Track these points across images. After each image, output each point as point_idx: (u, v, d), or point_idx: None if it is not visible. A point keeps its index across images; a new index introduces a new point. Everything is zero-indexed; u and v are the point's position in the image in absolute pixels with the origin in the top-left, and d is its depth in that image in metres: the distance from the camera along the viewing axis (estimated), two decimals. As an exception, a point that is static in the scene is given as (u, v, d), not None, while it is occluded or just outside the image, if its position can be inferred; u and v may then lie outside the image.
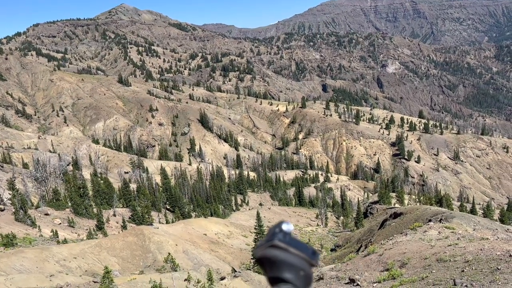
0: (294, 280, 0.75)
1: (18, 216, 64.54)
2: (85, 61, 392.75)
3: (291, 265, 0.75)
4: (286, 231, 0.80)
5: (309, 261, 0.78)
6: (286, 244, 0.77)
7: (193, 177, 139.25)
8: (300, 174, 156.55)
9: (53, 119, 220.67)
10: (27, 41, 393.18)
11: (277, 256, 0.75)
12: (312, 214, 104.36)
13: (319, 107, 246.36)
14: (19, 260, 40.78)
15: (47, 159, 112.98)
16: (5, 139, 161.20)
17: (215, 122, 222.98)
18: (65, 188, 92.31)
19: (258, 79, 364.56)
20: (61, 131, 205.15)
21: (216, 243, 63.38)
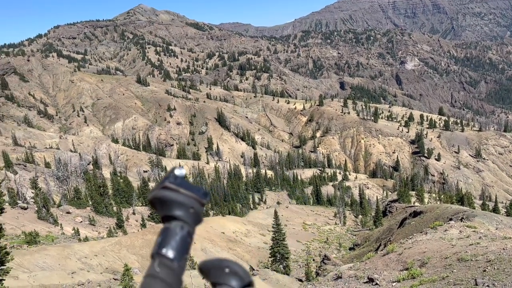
0: (184, 217, 0.79)
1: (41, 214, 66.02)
2: (104, 61, 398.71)
3: (181, 204, 0.79)
4: (177, 175, 0.80)
5: (199, 200, 0.82)
6: (176, 186, 0.80)
7: (210, 175, 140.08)
8: (317, 173, 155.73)
9: (74, 119, 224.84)
10: (48, 43, 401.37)
11: (167, 196, 0.79)
12: (330, 213, 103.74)
13: (337, 105, 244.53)
14: (42, 258, 41.71)
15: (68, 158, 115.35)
16: (28, 139, 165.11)
17: (232, 121, 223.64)
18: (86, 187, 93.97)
19: (275, 78, 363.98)
20: (81, 131, 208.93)
21: (234, 241, 63.64)
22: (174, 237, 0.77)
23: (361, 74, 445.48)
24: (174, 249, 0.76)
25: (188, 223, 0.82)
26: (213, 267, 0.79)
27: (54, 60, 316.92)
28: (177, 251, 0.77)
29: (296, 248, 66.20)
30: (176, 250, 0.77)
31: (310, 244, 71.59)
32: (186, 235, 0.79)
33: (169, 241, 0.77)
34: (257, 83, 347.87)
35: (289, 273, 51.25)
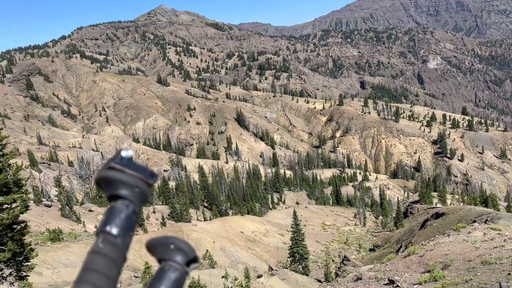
0: (130, 196, 0.81)
1: (64, 212, 67.48)
2: (125, 62, 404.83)
3: (126, 183, 0.81)
4: (124, 156, 0.83)
5: (145, 180, 0.83)
6: (121, 166, 0.82)
7: (230, 175, 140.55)
8: (337, 173, 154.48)
9: (96, 119, 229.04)
10: (71, 44, 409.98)
11: (112, 176, 0.80)
12: (350, 214, 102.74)
13: (357, 104, 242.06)
14: (65, 254, 42.60)
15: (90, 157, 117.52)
16: (52, 138, 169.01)
17: (252, 120, 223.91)
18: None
19: (295, 77, 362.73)
20: (103, 130, 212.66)
21: (253, 241, 63.67)
22: (118, 215, 0.79)
23: (382, 73, 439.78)
24: (118, 226, 0.78)
25: (133, 202, 0.84)
26: (158, 244, 0.82)
27: (77, 61, 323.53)
28: (121, 228, 0.79)
29: (315, 249, 65.81)
30: (120, 227, 0.79)
31: (329, 244, 71.06)
32: (131, 214, 0.81)
33: (114, 219, 0.79)
34: (277, 83, 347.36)
35: (308, 273, 50.97)
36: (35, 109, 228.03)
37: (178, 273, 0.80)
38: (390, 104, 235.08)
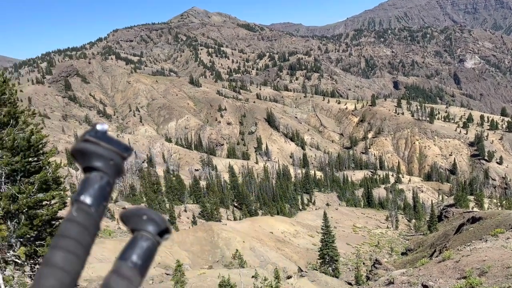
0: (104, 168, 0.83)
1: (99, 209, 69.43)
2: (159, 63, 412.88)
3: (100, 156, 0.83)
4: (99, 130, 0.86)
5: (119, 153, 0.85)
6: (97, 139, 0.84)
7: (259, 175, 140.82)
8: (369, 175, 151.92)
9: (130, 119, 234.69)
10: (107, 46, 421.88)
11: (87, 148, 0.83)
12: (382, 216, 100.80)
13: (390, 105, 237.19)
14: (100, 250, 43.85)
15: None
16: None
17: (282, 121, 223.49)
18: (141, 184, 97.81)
19: (326, 77, 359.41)
20: (137, 130, 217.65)
21: (282, 241, 63.52)
22: (92, 186, 0.81)
23: (416, 73, 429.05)
24: (92, 196, 0.80)
25: (108, 174, 0.85)
26: (131, 215, 0.84)
27: (112, 62, 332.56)
28: (95, 198, 0.81)
29: (345, 251, 64.97)
30: (93, 197, 0.81)
31: (360, 247, 69.97)
32: (105, 185, 0.83)
33: (88, 189, 0.81)
34: (307, 83, 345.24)
35: (338, 276, 50.38)
36: (73, 109, 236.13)
37: (150, 242, 0.82)
38: (424, 105, 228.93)
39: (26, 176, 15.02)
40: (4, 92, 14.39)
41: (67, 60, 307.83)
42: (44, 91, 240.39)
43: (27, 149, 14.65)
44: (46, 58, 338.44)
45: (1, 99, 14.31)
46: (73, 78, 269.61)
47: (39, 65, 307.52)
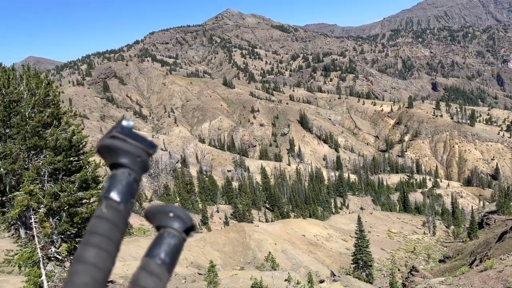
0: (131, 164, 0.83)
1: (134, 208, 71.16)
2: (193, 65, 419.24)
3: (128, 152, 0.83)
4: (125, 126, 0.86)
5: (146, 150, 0.85)
6: (124, 135, 0.84)
7: (292, 177, 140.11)
8: (405, 178, 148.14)
9: (165, 120, 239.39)
10: (144, 48, 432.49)
11: (115, 144, 0.83)
12: (418, 222, 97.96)
13: (428, 107, 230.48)
14: (135, 248, 44.81)
15: (159, 156, 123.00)
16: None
17: (315, 122, 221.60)
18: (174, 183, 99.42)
19: (361, 79, 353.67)
20: (171, 130, 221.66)
21: (315, 245, 62.83)
22: (121, 182, 0.82)
23: (456, 74, 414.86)
24: (120, 192, 0.81)
25: (134, 171, 0.86)
26: (158, 212, 0.85)
27: (148, 64, 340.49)
28: (123, 194, 0.82)
29: (380, 256, 63.52)
30: (122, 193, 0.81)
31: (395, 253, 68.23)
32: (133, 181, 0.83)
33: (116, 185, 0.81)
34: (342, 84, 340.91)
35: (372, 281, 49.29)
36: (110, 109, 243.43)
37: (177, 239, 0.83)
38: (464, 107, 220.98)
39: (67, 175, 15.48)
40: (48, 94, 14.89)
41: (106, 63, 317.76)
42: (84, 93, 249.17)
43: (69, 149, 15.09)
44: (86, 60, 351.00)
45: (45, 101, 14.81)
46: (111, 79, 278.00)
47: (79, 67, 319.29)
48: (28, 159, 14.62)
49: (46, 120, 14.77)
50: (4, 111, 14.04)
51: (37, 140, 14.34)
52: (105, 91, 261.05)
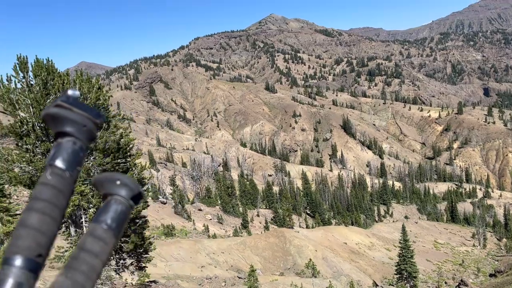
0: (77, 133, 0.82)
1: (177, 209, 72.64)
2: (236, 70, 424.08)
3: (73, 121, 0.82)
4: (70, 95, 0.84)
5: (92, 119, 0.85)
6: (69, 104, 0.83)
7: (333, 183, 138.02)
8: (453, 188, 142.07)
9: (208, 124, 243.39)
10: (189, 53, 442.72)
11: (59, 113, 0.82)
12: (467, 233, 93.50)
13: (479, 113, 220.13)
14: (176, 250, 45.67)
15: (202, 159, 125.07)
16: (169, 140, 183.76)
17: (358, 128, 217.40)
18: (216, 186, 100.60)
19: (407, 83, 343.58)
20: (214, 134, 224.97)
21: (357, 253, 61.41)
22: (66, 150, 0.82)
23: (511, 79, 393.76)
24: (65, 160, 0.81)
25: (80, 140, 0.83)
26: (105, 180, 0.85)
27: (193, 69, 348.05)
28: (69, 162, 0.82)
29: (425, 268, 61.14)
30: (67, 161, 0.81)
31: (442, 265, 65.43)
32: (78, 150, 0.83)
33: (61, 153, 0.81)
34: (387, 89, 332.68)
35: (416, 294, 47.48)
36: (156, 113, 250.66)
37: (123, 206, 0.83)
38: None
39: (115, 177, 16.01)
40: (99, 98, 15.49)
41: (152, 67, 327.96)
42: (131, 96, 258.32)
43: (117, 151, 15.61)
44: (133, 65, 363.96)
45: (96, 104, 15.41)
46: (157, 84, 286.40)
47: (127, 72, 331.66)
48: (79, 160, 15.28)
49: (97, 123, 15.38)
50: (58, 114, 14.76)
51: (87, 142, 14.96)
52: (151, 95, 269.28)
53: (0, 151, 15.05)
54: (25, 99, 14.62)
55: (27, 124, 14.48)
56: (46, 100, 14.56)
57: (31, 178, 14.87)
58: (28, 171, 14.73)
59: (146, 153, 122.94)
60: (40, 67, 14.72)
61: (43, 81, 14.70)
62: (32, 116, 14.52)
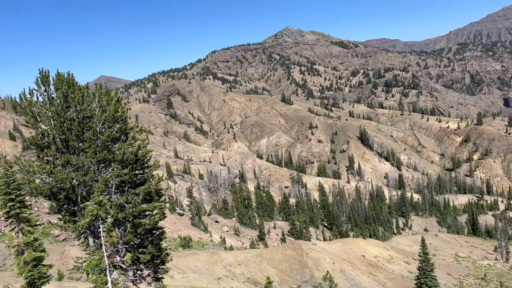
0: None
1: (194, 221, 72.77)
2: (252, 82, 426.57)
3: None
4: None
5: None
6: None
7: (351, 195, 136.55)
8: (474, 200, 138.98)
9: (224, 136, 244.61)
10: (206, 67, 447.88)
11: None
12: (489, 246, 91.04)
13: (500, 124, 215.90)
14: (193, 261, 45.68)
15: (218, 171, 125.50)
16: (186, 152, 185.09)
17: (376, 139, 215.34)
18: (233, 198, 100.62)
19: (425, 94, 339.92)
20: (230, 146, 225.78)
21: (375, 266, 60.36)
22: None
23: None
24: None
25: None
26: None
27: (210, 82, 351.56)
28: None
29: (446, 282, 59.66)
30: None
31: (463, 279, 63.77)
32: None
33: None
34: (404, 100, 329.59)
35: (437, 309, 46.29)
36: (173, 125, 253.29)
37: None
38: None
39: (132, 187, 16.24)
40: (117, 110, 15.81)
41: (170, 81, 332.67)
42: (149, 109, 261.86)
43: (135, 163, 15.86)
44: (151, 79, 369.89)
45: (114, 117, 15.73)
46: (174, 97, 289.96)
47: (145, 85, 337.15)
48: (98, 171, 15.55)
49: (115, 135, 15.69)
50: (78, 126, 15.11)
51: (106, 153, 15.25)
52: (169, 107, 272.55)
53: (22, 163, 15.45)
54: (46, 112, 15.03)
55: (48, 136, 14.86)
56: (67, 113, 14.93)
57: (51, 189, 15.20)
58: (48, 182, 15.07)
59: (164, 165, 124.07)
60: (61, 81, 15.15)
61: (64, 94, 15.11)
62: (53, 129, 14.90)
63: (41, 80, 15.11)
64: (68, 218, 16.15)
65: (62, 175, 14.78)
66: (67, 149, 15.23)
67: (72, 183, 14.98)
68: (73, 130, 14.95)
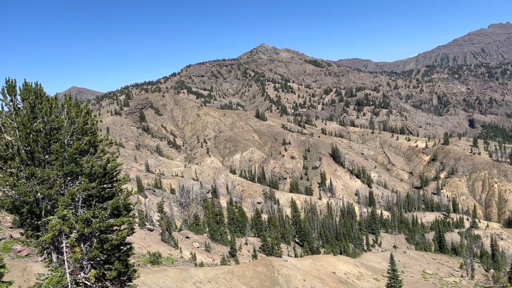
0: None
1: (164, 237, 71.38)
2: (227, 97, 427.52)
3: None
4: None
5: None
6: None
7: (322, 212, 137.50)
8: (441, 217, 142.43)
9: (198, 150, 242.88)
10: (180, 81, 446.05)
11: None
12: (455, 263, 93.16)
13: (465, 144, 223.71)
14: (162, 278, 44.63)
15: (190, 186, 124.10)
16: (158, 166, 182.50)
17: (347, 157, 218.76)
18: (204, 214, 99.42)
19: (395, 114, 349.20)
20: (203, 161, 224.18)
21: (345, 283, 60.61)
22: None
23: (495, 111, 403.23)
24: None
25: None
26: None
27: (184, 96, 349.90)
28: None
29: (414, 299, 60.43)
30: None
31: (430, 296, 64.79)
32: None
33: None
34: (375, 119, 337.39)
35: (405, 326, 46.74)
36: (145, 139, 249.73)
37: None
38: (504, 145, 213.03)
39: (100, 202, 15.84)
40: (86, 122, 15.50)
41: (143, 93, 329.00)
42: (121, 122, 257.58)
43: (103, 176, 15.51)
44: (124, 91, 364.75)
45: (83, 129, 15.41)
46: (148, 110, 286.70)
47: (118, 98, 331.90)
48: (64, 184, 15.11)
49: (83, 148, 15.34)
50: (45, 137, 14.69)
51: (73, 166, 14.86)
52: (141, 121, 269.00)
53: (-16, 174, 14.85)
54: (11, 122, 14.57)
55: (12, 148, 14.37)
56: (33, 124, 14.52)
57: (14, 202, 14.64)
58: (11, 195, 14.51)
59: (135, 179, 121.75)
60: (29, 91, 14.76)
61: (30, 104, 14.71)
62: (18, 140, 14.44)
63: (7, 90, 14.68)
64: (31, 233, 15.56)
65: (25, 188, 14.28)
66: (32, 161, 14.76)
67: (36, 196, 14.48)
68: (40, 141, 14.53)
